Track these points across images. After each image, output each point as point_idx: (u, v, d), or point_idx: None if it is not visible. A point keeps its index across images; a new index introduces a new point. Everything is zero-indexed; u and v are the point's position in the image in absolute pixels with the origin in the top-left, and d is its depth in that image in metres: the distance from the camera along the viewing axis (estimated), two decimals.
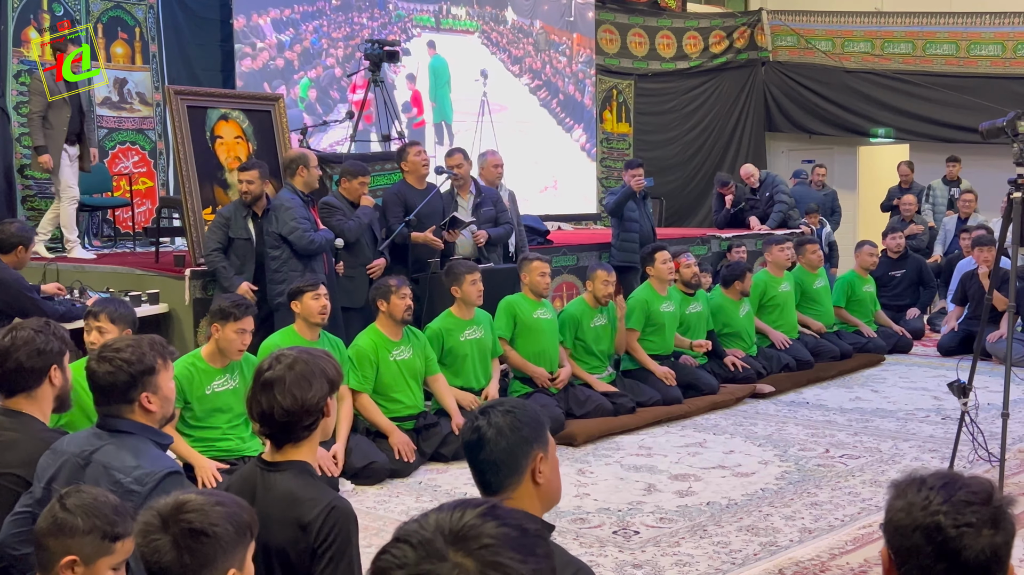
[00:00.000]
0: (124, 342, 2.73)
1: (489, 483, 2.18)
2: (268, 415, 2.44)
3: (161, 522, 1.96)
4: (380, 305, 5.49)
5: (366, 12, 10.96)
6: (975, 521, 1.60)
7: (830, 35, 14.15)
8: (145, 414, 2.69)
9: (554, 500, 2.27)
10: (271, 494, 2.44)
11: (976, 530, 1.59)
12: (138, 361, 2.66)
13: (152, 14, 9.47)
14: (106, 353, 2.68)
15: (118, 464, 2.58)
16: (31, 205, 8.72)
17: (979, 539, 1.58)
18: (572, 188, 13.03)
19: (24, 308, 5.59)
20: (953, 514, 1.60)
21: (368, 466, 5.10)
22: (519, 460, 2.18)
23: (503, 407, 2.23)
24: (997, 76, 12.97)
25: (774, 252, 7.95)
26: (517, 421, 2.19)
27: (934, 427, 6.08)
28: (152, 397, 2.68)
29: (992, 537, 1.59)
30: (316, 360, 2.50)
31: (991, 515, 1.61)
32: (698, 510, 4.63)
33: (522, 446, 2.18)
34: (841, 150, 14.23)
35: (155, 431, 2.72)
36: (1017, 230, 4.59)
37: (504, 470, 2.17)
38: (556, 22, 12.94)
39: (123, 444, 2.63)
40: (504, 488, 2.17)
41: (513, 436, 2.17)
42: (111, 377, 2.64)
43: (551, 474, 2.22)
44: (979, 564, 1.58)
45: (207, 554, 1.94)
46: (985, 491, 1.65)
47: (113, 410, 2.68)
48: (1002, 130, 4.53)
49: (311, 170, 6.20)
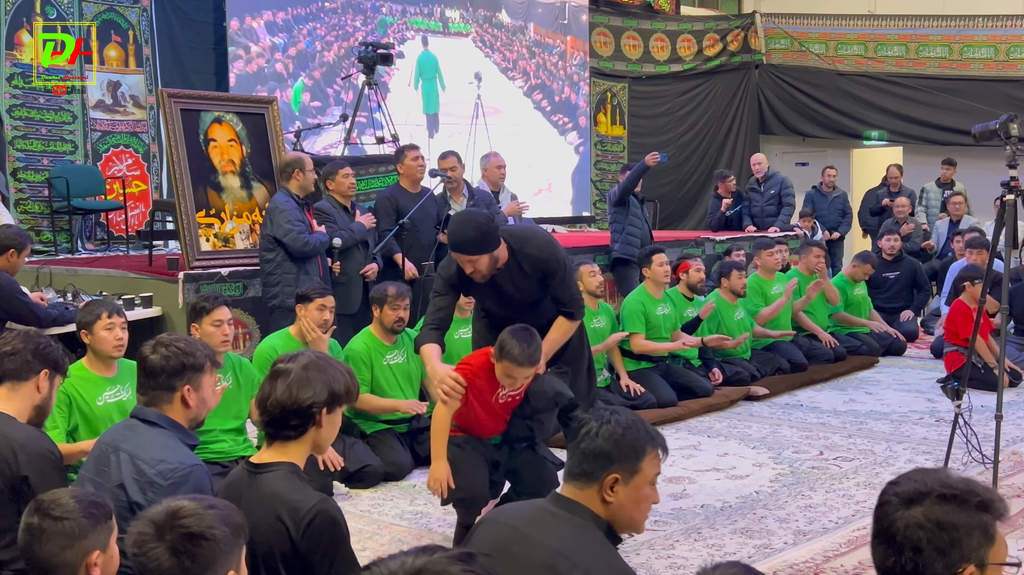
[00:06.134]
0: (180, 336, 2.89)
1: (572, 474, 2.28)
2: (264, 402, 2.51)
3: (156, 530, 1.96)
4: (375, 310, 5.49)
5: (360, 15, 10.96)
6: (898, 492, 1.65)
7: (823, 38, 14.19)
8: (182, 409, 2.80)
9: (626, 527, 2.31)
10: (257, 496, 2.44)
11: (895, 505, 1.63)
12: (190, 354, 2.79)
13: (146, 17, 9.47)
14: (163, 340, 2.83)
15: (144, 455, 2.68)
16: (24, 208, 8.71)
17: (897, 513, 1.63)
18: (566, 191, 13.04)
19: (17, 312, 5.57)
20: (892, 483, 1.67)
21: (362, 470, 5.09)
22: (593, 468, 2.24)
23: (620, 417, 2.28)
24: (990, 79, 13.02)
25: (763, 256, 7.98)
26: (613, 435, 2.25)
27: (928, 429, 6.09)
28: (193, 392, 2.80)
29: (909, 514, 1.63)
30: (330, 369, 2.55)
31: (914, 493, 1.64)
32: (692, 513, 4.63)
33: (600, 460, 2.24)
34: (834, 152, 14.25)
35: (184, 430, 2.82)
36: (1010, 233, 4.61)
37: (579, 468, 2.25)
38: (550, 25, 12.95)
39: (152, 437, 2.73)
40: (574, 483, 2.26)
41: (601, 444, 2.23)
42: (164, 361, 2.76)
43: (627, 502, 2.26)
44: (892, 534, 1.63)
45: (207, 557, 1.96)
46: (938, 479, 1.67)
47: (154, 398, 2.79)
48: (995, 132, 4.53)
49: (307, 173, 6.20)
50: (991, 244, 4.76)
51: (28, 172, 8.80)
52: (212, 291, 5.21)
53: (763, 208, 10.46)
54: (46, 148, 8.89)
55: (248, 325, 6.52)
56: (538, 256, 4.14)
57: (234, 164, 6.94)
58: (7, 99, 8.60)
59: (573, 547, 2.15)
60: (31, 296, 5.75)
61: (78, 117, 9.05)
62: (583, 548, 2.16)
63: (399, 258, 6.62)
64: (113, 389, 4.33)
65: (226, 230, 6.85)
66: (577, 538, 2.18)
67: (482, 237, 3.97)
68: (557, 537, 2.18)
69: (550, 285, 4.17)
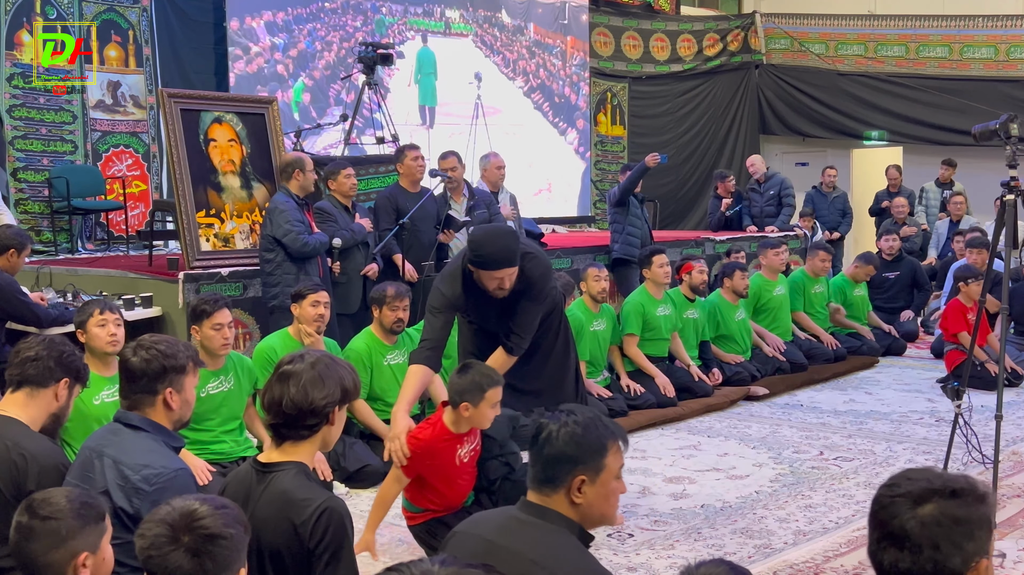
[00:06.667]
0: (161, 338, 2.86)
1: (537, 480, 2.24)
2: (277, 404, 2.50)
3: (173, 533, 1.97)
4: (374, 310, 5.49)
5: (360, 15, 10.96)
6: (903, 493, 1.65)
7: (823, 38, 14.19)
8: (165, 411, 2.78)
9: (598, 523, 2.29)
10: (266, 495, 2.45)
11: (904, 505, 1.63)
12: (172, 356, 2.78)
13: (146, 17, 9.47)
14: (143, 343, 2.81)
15: (128, 460, 2.66)
16: (24, 208, 8.71)
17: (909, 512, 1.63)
18: (566, 191, 13.03)
19: (18, 312, 5.57)
20: (889, 485, 1.67)
21: (362, 469, 5.09)
22: (558, 473, 2.21)
23: (576, 417, 2.26)
24: (990, 79, 13.01)
25: (768, 256, 7.95)
26: (574, 436, 2.22)
27: (928, 429, 6.09)
28: (175, 395, 2.78)
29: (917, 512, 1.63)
30: (337, 366, 2.57)
31: (922, 491, 1.64)
32: (692, 513, 4.63)
33: (564, 463, 2.21)
34: (835, 152, 14.25)
35: (168, 432, 2.80)
36: (1010, 232, 4.61)
37: (544, 474, 2.22)
38: (550, 25, 12.95)
39: (135, 442, 2.71)
40: (540, 490, 2.23)
41: (563, 447, 2.21)
42: (144, 365, 2.75)
43: (596, 500, 2.23)
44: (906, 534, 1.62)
45: (226, 557, 1.98)
46: (938, 476, 1.68)
47: (136, 401, 2.77)
48: (995, 132, 4.53)
49: (307, 174, 6.20)
50: (991, 244, 4.76)
51: (28, 172, 8.79)
52: (213, 293, 5.18)
53: (763, 208, 10.46)
54: (46, 148, 8.89)
55: (248, 325, 6.51)
56: (531, 275, 4.05)
57: (234, 164, 6.94)
58: (7, 99, 8.59)
59: (547, 555, 2.13)
60: (31, 296, 5.74)
61: (78, 117, 9.05)
62: (557, 555, 2.14)
63: (399, 259, 6.62)
64: (111, 388, 4.31)
65: (226, 230, 6.85)
66: (550, 545, 2.15)
67: (514, 250, 3.93)
68: (530, 546, 2.15)
69: (518, 305, 4.06)
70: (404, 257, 6.65)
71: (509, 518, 2.25)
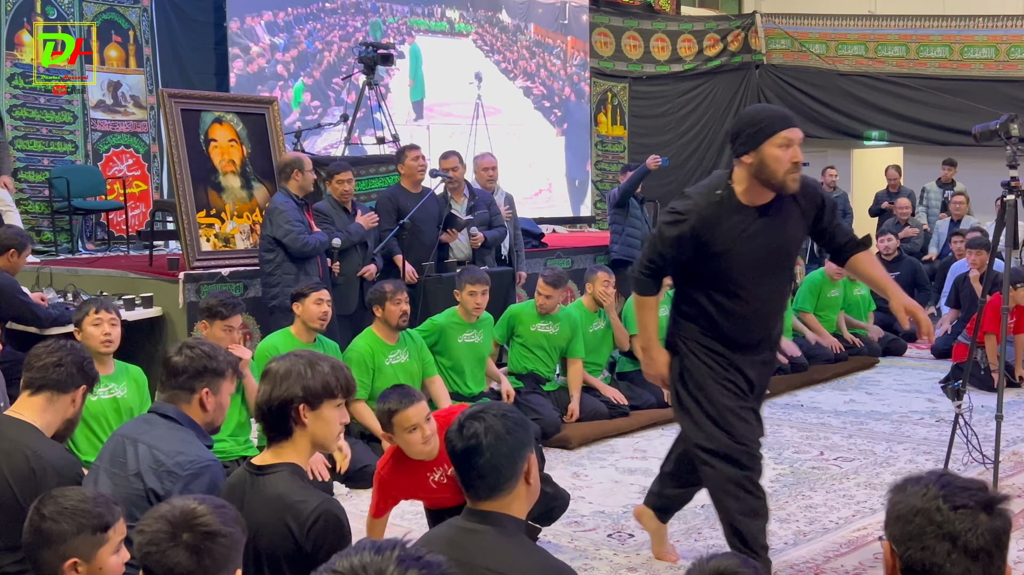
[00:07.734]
0: (206, 342, 2.97)
1: (487, 487, 2.17)
2: (258, 405, 2.54)
3: (173, 530, 1.98)
4: (376, 310, 5.48)
5: (360, 15, 10.96)
6: (972, 503, 1.63)
7: (824, 38, 14.18)
8: (199, 411, 2.86)
9: (536, 498, 2.31)
10: (260, 497, 2.44)
11: (973, 512, 1.62)
12: (214, 358, 2.87)
13: (146, 17, 9.47)
14: (188, 343, 2.92)
15: (164, 447, 2.74)
16: (24, 208, 8.71)
17: (976, 521, 1.62)
18: (566, 191, 13.03)
19: (18, 312, 5.57)
20: (951, 498, 1.64)
21: (362, 470, 5.09)
22: (517, 463, 2.19)
23: (496, 411, 2.23)
24: (990, 79, 13.02)
25: None
26: (513, 424, 2.20)
27: (928, 429, 6.09)
28: (211, 396, 2.86)
29: (990, 521, 1.62)
30: (309, 366, 2.50)
31: (986, 500, 1.65)
32: (692, 513, 4.62)
33: (519, 449, 2.20)
34: (835, 153, 14.25)
35: (201, 430, 2.87)
36: (1010, 233, 4.61)
37: (504, 474, 2.18)
38: (550, 25, 12.95)
39: (171, 431, 2.79)
40: (500, 492, 2.18)
41: (512, 439, 2.18)
42: (187, 362, 2.83)
43: (534, 487, 2.26)
44: (979, 547, 1.61)
45: (224, 555, 2.00)
46: (979, 482, 1.70)
47: (173, 396, 2.85)
48: (995, 133, 4.54)
49: (306, 174, 6.21)
50: (991, 244, 4.76)
51: (29, 172, 8.80)
52: (231, 295, 5.12)
53: None
54: (46, 148, 8.90)
55: (248, 325, 6.51)
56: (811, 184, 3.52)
57: (234, 164, 6.95)
58: (7, 99, 8.60)
59: (503, 561, 2.10)
60: (32, 296, 5.75)
61: (78, 117, 9.05)
62: (513, 559, 2.11)
63: (399, 260, 6.62)
64: (108, 386, 4.35)
65: (226, 230, 6.85)
66: (504, 550, 2.12)
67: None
68: (484, 554, 2.11)
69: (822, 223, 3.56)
70: (404, 257, 6.66)
71: (458, 530, 2.20)
